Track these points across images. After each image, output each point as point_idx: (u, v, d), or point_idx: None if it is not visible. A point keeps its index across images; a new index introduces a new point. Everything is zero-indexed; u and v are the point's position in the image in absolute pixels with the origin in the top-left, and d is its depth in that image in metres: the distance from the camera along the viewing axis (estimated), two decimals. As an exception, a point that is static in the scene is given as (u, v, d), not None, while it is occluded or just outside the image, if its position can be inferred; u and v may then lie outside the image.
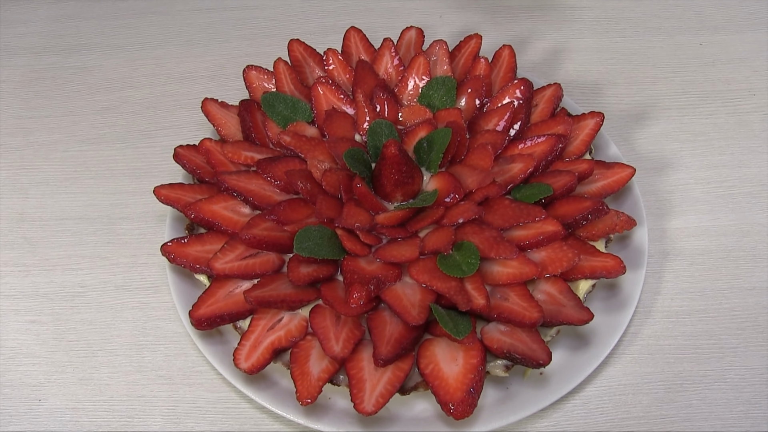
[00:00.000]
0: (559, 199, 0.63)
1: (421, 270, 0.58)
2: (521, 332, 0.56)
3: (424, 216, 0.61)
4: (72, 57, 0.88)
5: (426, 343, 0.56)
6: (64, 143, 0.79)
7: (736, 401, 0.60)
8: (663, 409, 0.60)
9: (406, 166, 0.61)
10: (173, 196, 0.65)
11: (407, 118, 0.69)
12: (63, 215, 0.74)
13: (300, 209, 0.62)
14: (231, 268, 0.60)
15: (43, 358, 0.65)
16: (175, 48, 0.88)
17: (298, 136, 0.67)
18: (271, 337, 0.57)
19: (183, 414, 0.61)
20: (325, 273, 0.59)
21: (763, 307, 0.65)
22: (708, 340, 0.63)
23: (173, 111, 0.82)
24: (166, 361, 0.64)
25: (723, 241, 0.69)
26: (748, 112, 0.78)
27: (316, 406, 0.56)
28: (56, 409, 0.62)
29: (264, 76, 0.74)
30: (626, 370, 0.62)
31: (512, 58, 0.74)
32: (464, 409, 0.53)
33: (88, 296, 0.68)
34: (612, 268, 0.59)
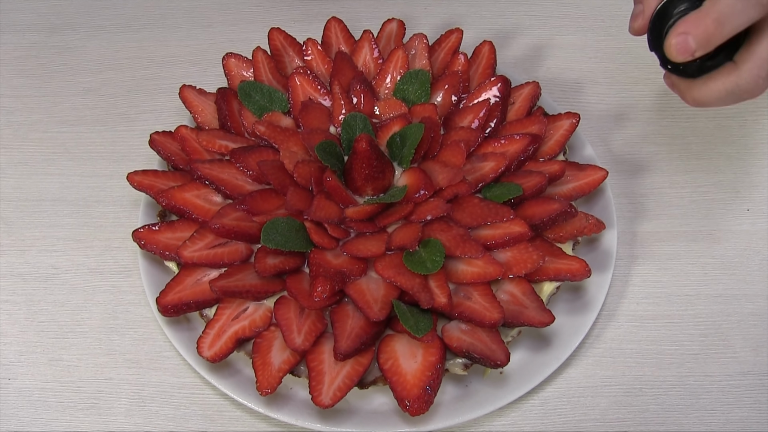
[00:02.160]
0: (529, 199, 0.63)
1: (387, 265, 0.58)
2: (481, 332, 0.57)
3: (393, 211, 0.62)
4: (55, 37, 0.87)
5: (387, 339, 0.57)
6: (44, 124, 0.79)
7: (692, 407, 0.61)
8: (620, 413, 0.61)
9: (376, 161, 0.61)
10: (146, 183, 0.65)
11: (383, 111, 0.70)
12: (40, 196, 0.74)
13: (271, 200, 0.63)
14: (199, 257, 0.60)
15: (14, 337, 0.66)
16: (158, 31, 0.88)
17: (273, 127, 0.67)
18: (236, 326, 0.58)
19: (148, 397, 0.62)
20: (291, 265, 0.59)
21: (727, 315, 0.65)
22: (670, 346, 0.64)
23: (154, 95, 0.82)
24: (134, 345, 0.65)
25: (693, 247, 0.69)
26: (728, 117, 0.78)
27: (277, 396, 0.57)
28: (24, 388, 0.63)
29: (243, 64, 0.74)
30: (586, 372, 0.63)
31: (492, 54, 0.74)
32: (420, 405, 0.53)
33: (61, 278, 0.69)
34: (577, 271, 0.60)
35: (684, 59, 0.50)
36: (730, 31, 0.49)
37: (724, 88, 0.52)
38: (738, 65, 0.51)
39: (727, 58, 0.52)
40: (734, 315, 0.66)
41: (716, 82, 0.53)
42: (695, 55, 0.50)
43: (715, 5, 0.49)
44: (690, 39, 0.49)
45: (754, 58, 0.51)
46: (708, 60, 0.52)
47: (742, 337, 0.64)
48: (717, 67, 0.53)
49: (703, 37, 0.49)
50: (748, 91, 0.52)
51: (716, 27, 0.49)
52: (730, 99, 0.53)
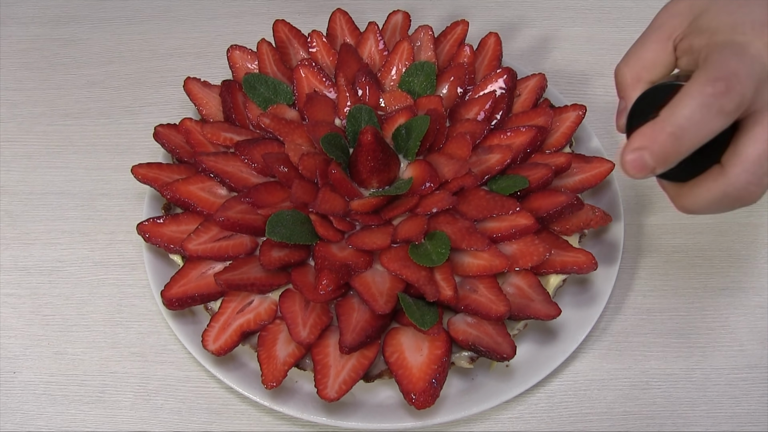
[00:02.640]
0: (535, 192, 0.63)
1: (392, 258, 0.58)
2: (487, 325, 0.56)
3: (398, 204, 0.62)
4: (59, 29, 0.87)
5: (393, 332, 0.57)
6: (48, 117, 0.79)
7: (699, 400, 0.61)
8: (627, 406, 0.60)
9: (382, 154, 0.61)
10: (151, 176, 0.65)
11: (388, 103, 0.69)
12: (45, 189, 0.74)
13: (276, 192, 0.62)
14: (204, 250, 0.60)
15: (20, 331, 0.66)
16: (162, 23, 0.87)
17: (278, 119, 0.67)
18: (241, 319, 0.58)
19: (153, 391, 0.62)
20: (296, 258, 0.59)
21: (734, 308, 0.65)
22: (677, 339, 0.64)
23: (158, 88, 0.81)
24: (139, 338, 0.65)
25: (699, 239, 0.69)
26: (735, 109, 0.78)
27: (282, 389, 0.57)
28: (30, 381, 0.63)
29: (248, 57, 0.73)
30: (593, 365, 0.62)
31: (498, 46, 0.73)
32: (426, 399, 0.53)
33: (66, 271, 0.69)
34: (583, 263, 0.59)
35: (642, 177, 0.44)
36: (690, 146, 0.43)
37: (711, 195, 0.46)
38: (725, 169, 0.45)
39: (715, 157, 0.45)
40: (741, 308, 0.65)
41: (702, 189, 0.46)
42: (656, 172, 0.44)
43: (672, 115, 0.43)
44: (646, 156, 0.43)
45: (740, 161, 0.44)
46: (692, 162, 0.45)
47: (749, 330, 0.64)
48: (706, 168, 0.46)
49: (660, 154, 0.43)
50: (739, 199, 0.45)
51: (673, 142, 0.43)
52: (721, 207, 0.46)
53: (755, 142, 0.43)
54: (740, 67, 0.42)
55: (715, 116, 0.42)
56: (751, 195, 0.44)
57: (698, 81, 0.43)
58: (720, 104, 0.42)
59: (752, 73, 0.42)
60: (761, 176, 0.44)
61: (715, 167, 0.45)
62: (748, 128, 0.44)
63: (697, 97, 0.42)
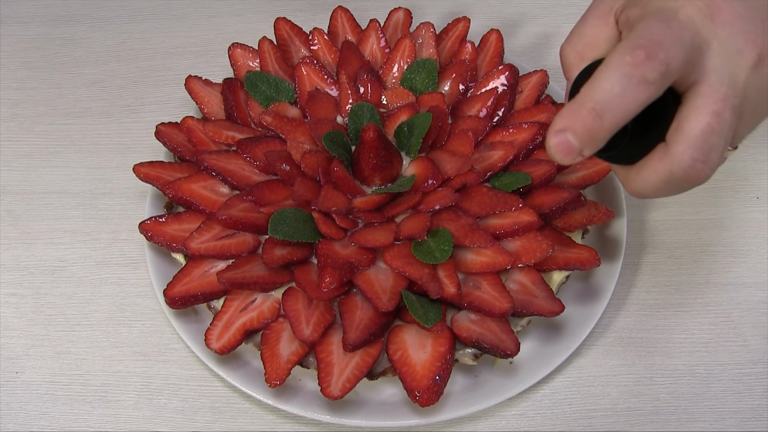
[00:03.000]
0: (538, 188, 0.63)
1: (395, 256, 0.58)
2: (491, 322, 0.56)
3: (401, 201, 0.61)
4: (59, 28, 0.87)
5: (396, 329, 0.57)
6: (49, 116, 0.79)
7: (703, 396, 0.60)
8: (630, 402, 0.60)
9: (384, 151, 0.61)
10: (153, 174, 0.65)
11: (390, 101, 0.69)
12: (46, 189, 0.74)
13: (278, 190, 0.62)
14: (206, 248, 0.60)
15: (22, 331, 0.65)
16: (163, 22, 0.87)
17: (280, 117, 0.67)
18: (244, 318, 0.58)
19: (156, 390, 0.62)
20: (299, 256, 0.59)
21: (737, 303, 0.65)
22: (680, 335, 0.63)
23: (159, 86, 0.81)
24: (142, 337, 0.65)
25: (702, 235, 0.69)
26: (738, 104, 0.77)
27: (285, 388, 0.57)
28: (32, 381, 0.63)
29: (249, 55, 0.73)
30: (597, 361, 0.62)
31: (500, 42, 0.73)
32: (430, 396, 0.53)
33: (68, 271, 0.69)
34: (586, 260, 0.59)
35: (573, 161, 0.41)
36: (615, 121, 0.39)
37: (658, 177, 0.42)
38: (669, 147, 0.41)
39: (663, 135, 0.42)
40: (744, 303, 0.65)
41: (649, 170, 0.43)
42: (585, 154, 0.40)
43: (591, 90, 0.39)
44: (570, 137, 0.40)
45: (683, 137, 0.40)
46: (638, 142, 0.42)
47: (753, 325, 0.64)
48: (651, 147, 0.43)
49: (584, 133, 0.39)
50: (687, 178, 0.41)
51: (595, 119, 0.39)
52: (671, 188, 0.43)
53: (697, 115, 0.40)
54: (665, 34, 0.40)
55: (638, 87, 0.39)
56: (699, 173, 0.41)
57: (618, 51, 0.40)
58: (641, 73, 0.38)
59: (679, 39, 0.40)
60: (707, 152, 0.40)
61: (660, 146, 0.42)
62: (689, 101, 0.41)
63: (616, 68, 0.39)
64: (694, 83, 0.41)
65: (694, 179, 0.42)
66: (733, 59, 0.41)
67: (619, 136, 0.41)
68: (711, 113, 0.40)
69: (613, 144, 0.41)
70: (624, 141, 0.42)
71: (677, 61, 0.39)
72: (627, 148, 0.43)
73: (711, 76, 0.41)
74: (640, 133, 0.42)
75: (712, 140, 0.40)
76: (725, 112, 0.40)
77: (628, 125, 0.40)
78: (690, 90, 0.41)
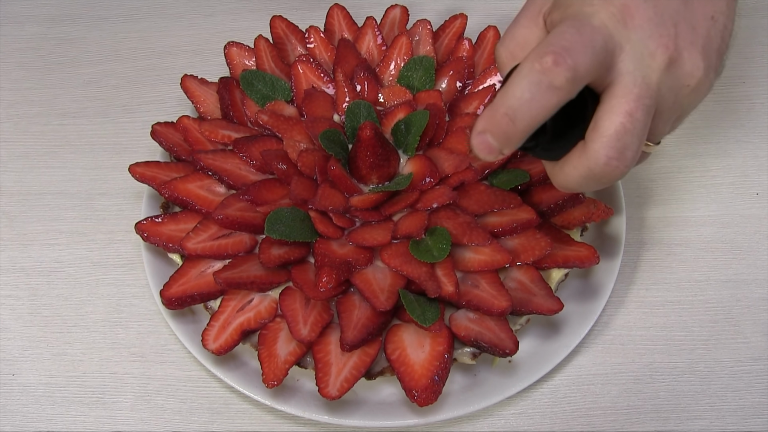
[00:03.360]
0: (536, 185, 0.62)
1: (393, 254, 0.57)
2: (490, 320, 0.56)
3: (398, 200, 0.61)
4: (55, 28, 0.86)
5: (394, 329, 0.57)
6: (45, 116, 0.79)
7: (703, 393, 0.60)
8: (630, 400, 0.60)
9: (381, 149, 0.61)
10: (149, 174, 0.64)
11: (387, 99, 0.69)
12: (42, 190, 0.73)
13: (275, 190, 0.62)
14: (203, 248, 0.59)
15: (18, 332, 0.65)
16: (159, 21, 0.87)
17: (276, 116, 0.66)
18: (241, 318, 0.57)
19: (154, 391, 0.62)
20: (296, 255, 0.59)
21: (737, 300, 0.65)
22: (680, 332, 0.63)
23: (155, 86, 0.81)
24: (139, 338, 0.64)
25: (702, 232, 0.69)
26: (737, 101, 0.77)
27: (283, 388, 0.57)
28: (29, 383, 0.62)
29: (245, 53, 0.73)
30: (596, 359, 0.62)
31: (497, 39, 0.73)
32: (428, 396, 0.53)
33: (65, 272, 0.68)
34: (585, 258, 0.59)
35: (495, 158, 0.43)
36: (528, 125, 0.41)
37: (578, 173, 0.45)
38: (587, 145, 0.43)
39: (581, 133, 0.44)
40: (744, 300, 0.65)
41: (569, 166, 0.45)
42: (504, 153, 0.43)
43: (504, 96, 0.42)
44: (489, 138, 0.42)
45: (599, 136, 0.43)
46: (556, 139, 0.45)
47: (753, 323, 0.64)
48: (573, 144, 0.45)
49: (501, 136, 0.42)
50: (604, 174, 0.43)
51: (509, 123, 0.41)
52: (591, 183, 0.45)
53: (611, 115, 0.42)
54: (575, 40, 0.41)
55: (546, 92, 0.40)
56: (614, 170, 0.43)
57: (529, 58, 0.41)
58: (549, 80, 0.40)
59: (590, 44, 0.41)
60: (621, 150, 0.42)
61: (579, 144, 0.44)
62: (605, 102, 0.43)
63: (526, 75, 0.41)
64: (610, 85, 0.43)
65: (610, 175, 0.44)
66: (646, 61, 0.43)
67: (540, 134, 0.43)
68: (624, 113, 0.42)
69: (535, 141, 0.44)
70: (545, 139, 0.44)
71: (586, 66, 0.41)
72: (550, 145, 0.45)
73: (624, 77, 0.43)
74: (562, 131, 0.44)
75: (626, 139, 0.42)
76: (638, 112, 0.42)
77: (547, 124, 0.43)
78: (606, 91, 0.43)
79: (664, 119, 0.46)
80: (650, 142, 0.48)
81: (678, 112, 0.47)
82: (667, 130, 0.48)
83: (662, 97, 0.44)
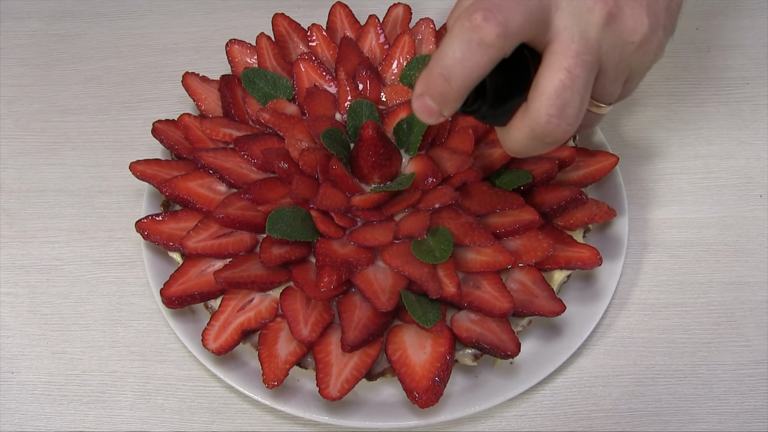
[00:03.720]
0: (539, 186, 0.62)
1: (394, 255, 0.57)
2: (491, 322, 0.56)
3: (400, 199, 0.61)
4: (55, 24, 0.86)
5: (395, 329, 0.56)
6: (46, 113, 0.78)
7: (705, 397, 0.60)
8: (632, 403, 0.60)
9: (383, 149, 0.60)
10: (149, 173, 0.64)
11: (390, 97, 0.68)
12: (42, 187, 0.73)
13: (276, 189, 0.62)
14: (203, 247, 0.59)
15: (17, 330, 0.65)
16: (160, 18, 0.86)
17: (278, 114, 0.66)
18: (241, 317, 0.57)
19: (153, 390, 0.62)
20: (297, 255, 0.58)
21: (740, 303, 0.64)
22: (682, 335, 0.63)
23: (156, 83, 0.80)
24: (139, 337, 0.64)
25: (705, 234, 0.68)
26: (741, 102, 0.77)
27: (283, 388, 0.56)
28: (28, 382, 0.62)
29: (247, 51, 0.73)
30: (598, 362, 0.62)
31: (500, 39, 0.72)
32: (429, 397, 0.52)
33: (64, 270, 0.68)
34: (588, 259, 0.59)
35: (437, 121, 0.43)
36: (463, 84, 0.41)
37: (522, 134, 0.44)
38: (528, 105, 0.43)
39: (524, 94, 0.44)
40: (747, 303, 0.65)
41: (514, 129, 0.45)
42: (445, 114, 0.43)
43: (438, 56, 0.41)
44: (428, 100, 0.42)
45: (539, 94, 0.42)
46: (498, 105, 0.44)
47: (756, 325, 0.63)
48: (518, 106, 0.45)
49: (438, 97, 0.42)
50: (546, 134, 0.43)
51: (444, 83, 0.41)
52: (536, 144, 0.45)
53: (550, 73, 0.42)
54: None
55: (477, 50, 0.40)
56: (556, 129, 0.43)
57: (460, 17, 0.41)
58: (479, 37, 0.40)
59: (522, 0, 0.41)
60: (562, 107, 0.42)
61: (523, 105, 0.44)
62: (544, 60, 0.43)
63: (457, 33, 0.41)
64: (549, 43, 0.43)
65: (553, 134, 0.43)
66: (584, 17, 0.42)
67: (482, 97, 0.43)
68: (563, 70, 0.42)
69: (479, 104, 0.44)
70: (487, 101, 0.44)
71: (517, 22, 0.41)
72: (495, 109, 0.45)
73: (562, 34, 0.42)
74: (506, 93, 0.44)
75: (565, 96, 0.42)
76: (577, 68, 0.42)
77: (488, 86, 0.43)
78: (545, 50, 0.43)
79: (611, 78, 0.45)
80: (601, 103, 0.47)
81: (626, 72, 0.46)
82: (617, 91, 0.47)
83: (605, 54, 0.44)
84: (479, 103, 0.44)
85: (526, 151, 0.46)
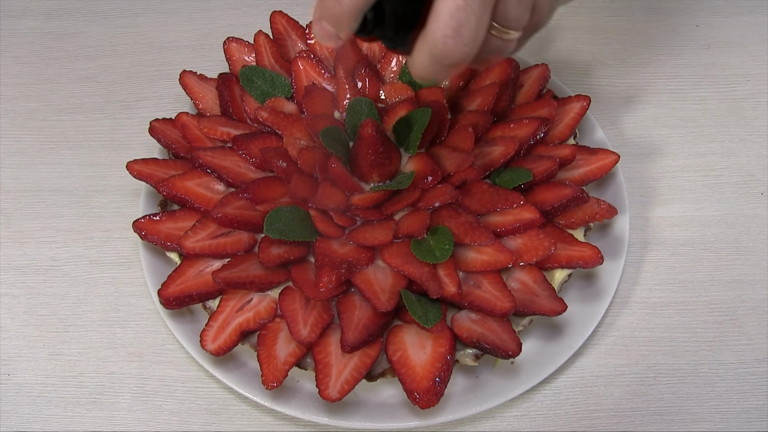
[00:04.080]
0: (539, 185, 0.62)
1: (394, 254, 0.57)
2: (492, 321, 0.55)
3: (400, 198, 0.60)
4: (52, 22, 0.85)
5: (395, 330, 0.56)
6: (42, 112, 0.78)
7: (707, 395, 0.60)
8: (634, 402, 0.59)
9: (383, 147, 0.60)
10: (147, 172, 0.64)
11: (389, 95, 0.68)
12: (38, 186, 0.73)
13: (274, 188, 0.61)
14: (201, 247, 0.59)
15: (14, 331, 0.64)
16: (157, 16, 0.86)
17: (276, 112, 0.66)
18: (240, 318, 0.57)
19: (151, 392, 0.61)
20: (296, 254, 0.58)
21: (742, 301, 0.64)
22: (684, 333, 0.63)
23: (153, 81, 0.80)
24: (137, 338, 0.64)
25: (706, 232, 0.68)
26: (741, 99, 0.77)
27: (283, 389, 0.56)
28: (25, 383, 0.62)
29: (245, 49, 0.72)
30: (599, 361, 0.61)
31: (500, 36, 0.72)
32: (430, 398, 0.52)
33: (61, 270, 0.68)
34: (589, 258, 0.58)
35: (336, 43, 0.45)
36: (354, 5, 0.42)
37: (423, 57, 0.44)
38: (426, 27, 0.44)
39: None
40: (749, 301, 0.64)
41: (416, 53, 0.45)
42: (342, 36, 0.44)
43: None
44: (324, 24, 0.44)
45: (435, 17, 0.42)
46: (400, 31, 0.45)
47: (757, 324, 0.63)
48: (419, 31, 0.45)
49: (332, 18, 0.43)
50: (444, 55, 0.43)
51: (335, 5, 0.43)
52: (437, 67, 0.45)
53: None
54: None
55: None
56: (452, 49, 0.43)
57: None
58: None
59: None
60: (457, 28, 0.42)
61: (423, 29, 0.44)
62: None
63: None
64: None
65: (450, 55, 0.43)
66: None
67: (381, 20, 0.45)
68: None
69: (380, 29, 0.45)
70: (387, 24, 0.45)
71: None
72: (397, 35, 0.46)
73: None
74: (407, 20, 0.45)
75: (459, 16, 0.42)
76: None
77: (387, 11, 0.44)
78: None
79: (513, 2, 0.45)
80: (509, 29, 0.46)
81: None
82: (524, 16, 0.46)
83: None
84: (380, 28, 0.45)
85: (429, 75, 0.46)
